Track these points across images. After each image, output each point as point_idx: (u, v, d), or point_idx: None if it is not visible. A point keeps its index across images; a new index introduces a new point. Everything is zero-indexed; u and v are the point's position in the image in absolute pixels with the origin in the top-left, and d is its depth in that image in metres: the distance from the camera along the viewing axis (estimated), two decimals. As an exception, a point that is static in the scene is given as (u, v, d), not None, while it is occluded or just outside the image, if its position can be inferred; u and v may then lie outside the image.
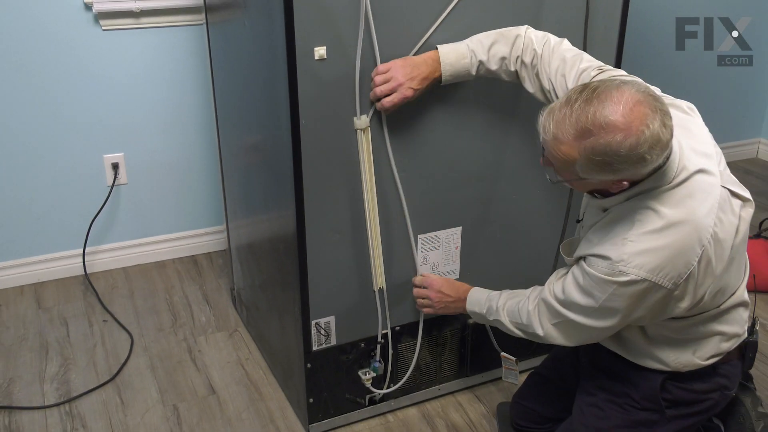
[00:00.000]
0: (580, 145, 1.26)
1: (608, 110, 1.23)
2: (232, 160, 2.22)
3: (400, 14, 1.61)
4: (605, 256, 1.36)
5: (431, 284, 1.82)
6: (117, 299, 2.58)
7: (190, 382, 2.18)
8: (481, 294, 1.74)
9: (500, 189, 1.91)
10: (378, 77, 1.60)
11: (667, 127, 1.26)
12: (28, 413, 2.05)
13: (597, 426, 1.59)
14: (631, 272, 1.33)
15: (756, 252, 2.66)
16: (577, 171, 1.31)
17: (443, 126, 1.77)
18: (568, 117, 1.26)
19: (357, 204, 1.75)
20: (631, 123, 1.23)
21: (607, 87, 1.26)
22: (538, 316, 1.55)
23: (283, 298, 1.94)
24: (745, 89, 3.66)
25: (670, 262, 1.32)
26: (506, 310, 1.64)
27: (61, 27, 2.40)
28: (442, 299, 1.81)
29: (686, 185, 1.34)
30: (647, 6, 3.10)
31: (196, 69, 2.60)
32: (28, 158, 2.51)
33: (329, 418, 1.97)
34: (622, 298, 1.37)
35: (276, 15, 1.55)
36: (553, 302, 1.50)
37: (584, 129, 1.25)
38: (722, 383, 1.55)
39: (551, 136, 1.30)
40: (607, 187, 1.36)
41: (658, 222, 1.32)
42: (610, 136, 1.23)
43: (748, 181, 3.57)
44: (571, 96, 1.28)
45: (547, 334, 1.54)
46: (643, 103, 1.24)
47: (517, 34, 1.61)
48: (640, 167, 1.27)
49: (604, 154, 1.25)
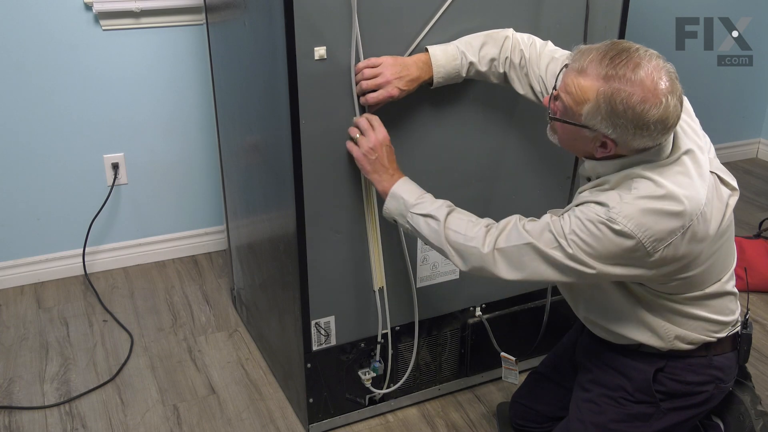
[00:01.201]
0: (602, 85, 1.29)
1: (643, 70, 1.28)
2: (232, 160, 2.22)
3: (393, 15, 1.61)
4: (602, 202, 1.36)
5: (373, 137, 1.59)
6: (117, 299, 2.58)
7: (190, 382, 2.18)
8: (416, 186, 1.59)
9: (500, 189, 1.91)
10: (367, 70, 1.59)
11: (677, 111, 1.31)
12: (28, 413, 2.05)
13: (593, 421, 1.59)
14: (621, 222, 1.32)
15: (756, 252, 2.66)
16: (582, 113, 1.32)
17: (443, 126, 1.77)
18: (605, 58, 1.30)
19: (357, 204, 1.75)
20: (656, 90, 1.27)
21: (648, 53, 1.31)
22: (488, 234, 1.46)
23: (283, 298, 1.94)
24: (745, 89, 3.66)
25: (657, 224, 1.33)
26: (451, 215, 1.51)
27: (61, 27, 2.40)
28: (373, 157, 1.59)
29: (680, 163, 1.37)
30: (647, 6, 3.10)
31: (196, 69, 2.60)
32: (28, 158, 2.52)
33: (329, 418, 1.97)
34: (602, 245, 1.34)
35: (276, 15, 1.55)
36: (519, 226, 1.43)
37: (615, 74, 1.28)
38: (717, 375, 1.54)
39: (579, 65, 1.32)
40: (593, 148, 1.37)
41: (657, 191, 1.34)
42: (632, 89, 1.27)
43: (748, 181, 3.57)
44: (609, 43, 1.33)
45: (487, 255, 1.44)
46: (670, 80, 1.30)
47: (506, 36, 1.63)
48: (637, 136, 1.30)
49: (619, 102, 1.28)
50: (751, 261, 2.65)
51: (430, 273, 1.91)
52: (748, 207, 3.29)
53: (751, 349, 2.34)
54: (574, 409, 1.65)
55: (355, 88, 1.62)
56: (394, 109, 1.68)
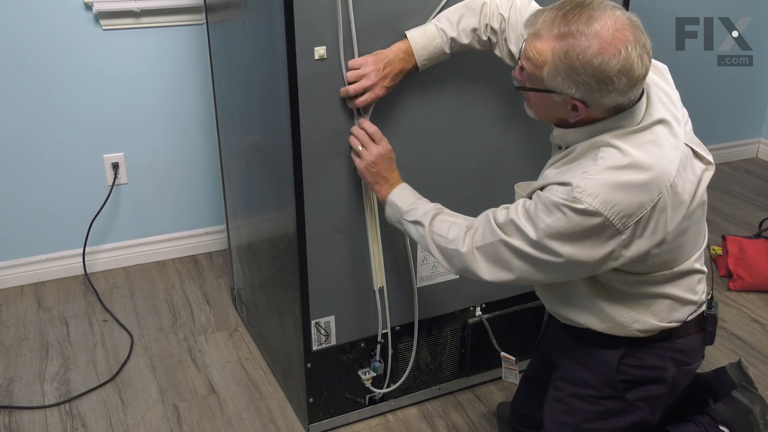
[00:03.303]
0: (556, 45, 1.27)
1: (597, 22, 1.25)
2: (232, 159, 2.22)
3: (385, 13, 1.60)
4: (564, 182, 1.33)
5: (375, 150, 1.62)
6: (117, 299, 2.58)
7: (190, 381, 2.18)
8: (410, 193, 1.61)
9: (500, 188, 1.91)
10: (350, 74, 1.58)
11: (643, 62, 1.27)
12: (29, 413, 2.05)
13: (565, 421, 1.59)
14: (585, 200, 1.29)
15: (756, 252, 2.66)
16: (543, 76, 1.31)
17: (443, 125, 1.77)
18: (557, 17, 1.28)
19: (357, 204, 1.75)
20: (612, 40, 1.24)
21: (603, 4, 1.28)
22: (467, 234, 1.46)
23: (283, 298, 1.94)
24: (745, 89, 3.66)
25: (624, 199, 1.30)
26: (436, 219, 1.52)
27: (62, 27, 2.40)
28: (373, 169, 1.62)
29: (651, 131, 1.34)
30: (647, 6, 3.10)
31: (196, 69, 2.60)
32: (29, 158, 2.52)
33: (329, 417, 1.97)
34: (568, 228, 1.31)
35: (276, 15, 1.55)
36: (491, 221, 1.42)
37: (568, 31, 1.26)
38: (678, 358, 1.53)
39: (533, 30, 1.31)
40: (565, 113, 1.35)
41: (622, 159, 1.31)
42: (587, 43, 1.25)
43: (748, 181, 3.57)
44: (565, 3, 1.30)
45: (467, 255, 1.44)
46: (630, 30, 1.26)
47: (483, 2, 1.59)
48: (605, 91, 1.27)
49: (575, 58, 1.26)
50: (751, 261, 2.65)
51: (430, 273, 1.91)
52: (748, 207, 3.29)
53: (752, 349, 2.36)
54: (547, 410, 1.65)
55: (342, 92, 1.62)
56: (394, 109, 1.68)
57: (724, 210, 3.26)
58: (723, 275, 2.71)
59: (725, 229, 3.04)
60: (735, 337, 2.39)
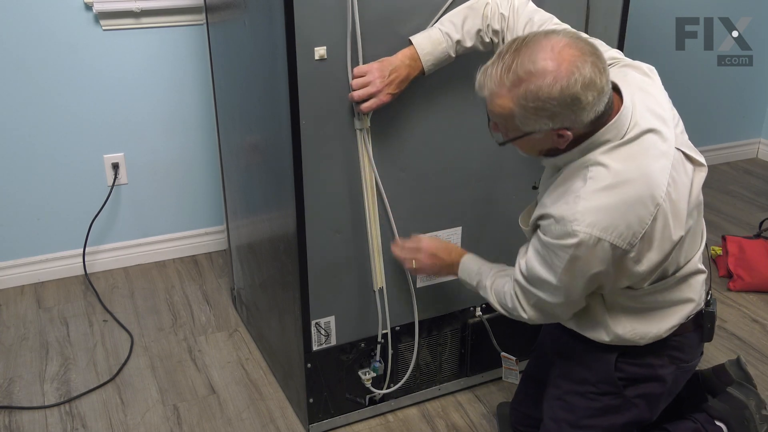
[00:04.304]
0: (514, 94, 1.28)
1: (537, 56, 1.26)
2: (232, 160, 2.22)
3: (388, 13, 1.60)
4: (558, 217, 1.34)
5: (423, 248, 1.72)
6: (117, 299, 2.58)
7: (190, 382, 2.18)
8: (473, 264, 1.68)
9: (500, 189, 1.91)
10: (355, 81, 1.59)
11: (600, 70, 1.27)
12: (29, 413, 2.05)
13: (564, 418, 1.60)
14: (583, 231, 1.31)
15: (756, 252, 2.66)
16: (518, 125, 1.32)
17: (443, 126, 1.77)
18: (500, 69, 1.28)
19: (357, 204, 1.75)
20: (560, 66, 1.25)
21: (536, 36, 1.29)
22: (518, 300, 1.51)
23: (283, 298, 1.94)
24: (745, 89, 3.66)
25: (624, 219, 1.31)
26: (494, 290, 1.59)
27: (62, 27, 2.40)
28: (436, 263, 1.71)
29: (638, 142, 1.34)
30: (647, 6, 3.10)
31: (196, 69, 2.60)
32: (29, 158, 2.52)
33: (329, 418, 1.97)
34: (580, 262, 1.34)
35: (276, 15, 1.55)
36: (522, 281, 1.48)
37: (516, 78, 1.27)
38: (675, 355, 1.54)
39: (487, 92, 1.32)
40: (553, 143, 1.35)
41: (609, 178, 1.31)
42: (540, 80, 1.25)
43: (748, 181, 3.57)
44: (502, 50, 1.30)
45: (530, 317, 1.51)
46: (572, 46, 1.26)
47: (486, 2, 1.60)
48: (578, 111, 1.27)
49: (537, 99, 1.26)
50: (751, 261, 2.65)
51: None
52: (748, 207, 3.29)
53: (752, 350, 2.36)
54: (547, 408, 1.65)
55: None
56: (394, 109, 1.68)
57: (724, 210, 3.26)
58: (723, 275, 2.71)
59: (725, 230, 3.04)
60: (735, 337, 2.39)
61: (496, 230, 1.95)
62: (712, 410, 1.69)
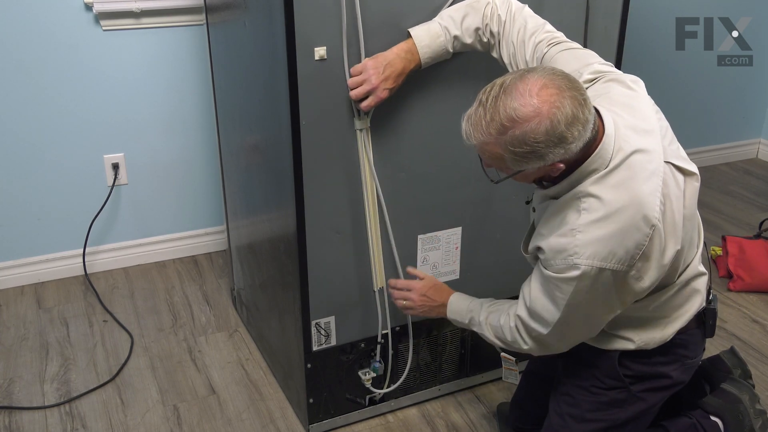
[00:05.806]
0: (501, 141, 1.29)
1: (516, 103, 1.26)
2: (232, 160, 2.22)
3: (388, 12, 1.60)
4: (558, 249, 1.36)
5: (414, 287, 1.76)
6: (117, 299, 2.58)
7: (190, 382, 2.18)
8: (461, 303, 1.70)
9: (500, 189, 1.91)
10: (351, 80, 1.60)
11: (580, 102, 1.27)
12: (29, 413, 2.05)
13: (570, 413, 1.61)
14: (585, 264, 1.33)
15: (756, 252, 2.66)
16: (510, 166, 1.33)
17: (443, 126, 1.77)
18: (483, 118, 1.30)
19: (357, 204, 1.75)
20: (540, 109, 1.25)
21: (512, 80, 1.29)
22: (518, 333, 1.54)
23: (283, 298, 1.94)
24: (745, 89, 3.66)
25: (622, 246, 1.32)
26: (490, 325, 1.61)
27: (62, 27, 2.40)
28: (426, 303, 1.75)
29: (625, 166, 1.34)
30: (647, 6, 3.10)
31: (196, 69, 2.60)
32: (29, 158, 2.52)
33: (329, 418, 1.97)
34: (584, 293, 1.37)
35: (276, 15, 1.55)
36: (526, 317, 1.50)
37: (500, 126, 1.28)
38: (681, 353, 1.55)
39: (475, 141, 1.33)
40: (547, 173, 1.36)
41: (602, 209, 1.33)
42: (524, 126, 1.26)
43: (748, 181, 3.57)
44: (482, 97, 1.31)
45: (531, 348, 1.54)
46: (548, 86, 1.27)
47: (487, 2, 1.60)
48: (566, 146, 1.28)
49: (524, 144, 1.27)
50: (751, 261, 2.65)
51: (430, 273, 1.90)
52: (748, 207, 3.29)
53: (752, 350, 2.36)
54: (553, 403, 1.67)
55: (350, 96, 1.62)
56: (394, 109, 1.68)
57: (724, 210, 3.26)
58: (723, 276, 2.71)
59: (725, 230, 3.04)
60: (735, 337, 2.39)
61: (495, 230, 1.95)
62: (707, 406, 1.71)
